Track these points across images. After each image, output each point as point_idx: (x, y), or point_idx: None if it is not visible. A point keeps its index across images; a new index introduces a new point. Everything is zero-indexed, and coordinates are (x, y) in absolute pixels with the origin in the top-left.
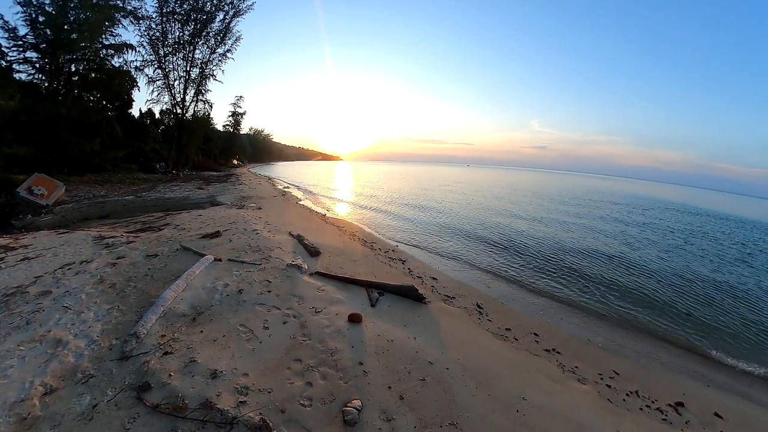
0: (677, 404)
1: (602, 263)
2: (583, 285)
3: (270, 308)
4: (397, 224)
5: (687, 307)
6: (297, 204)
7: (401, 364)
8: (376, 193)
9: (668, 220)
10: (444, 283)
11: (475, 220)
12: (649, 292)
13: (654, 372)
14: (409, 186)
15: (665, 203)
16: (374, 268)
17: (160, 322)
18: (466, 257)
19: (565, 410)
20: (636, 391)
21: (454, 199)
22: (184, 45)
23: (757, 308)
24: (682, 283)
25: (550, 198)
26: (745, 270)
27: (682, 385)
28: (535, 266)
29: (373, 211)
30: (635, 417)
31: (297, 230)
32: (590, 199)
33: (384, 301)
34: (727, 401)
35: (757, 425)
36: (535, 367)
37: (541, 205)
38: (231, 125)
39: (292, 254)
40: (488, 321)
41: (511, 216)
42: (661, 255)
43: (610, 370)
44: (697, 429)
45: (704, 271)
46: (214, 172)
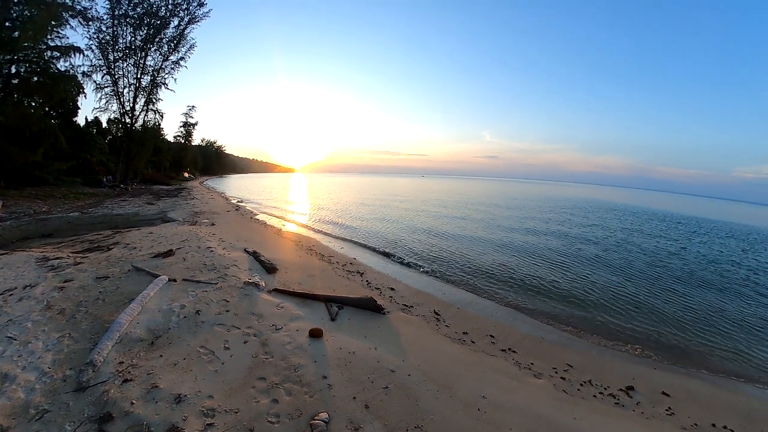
0: (628, 388)
1: (548, 265)
2: (532, 287)
3: (230, 328)
4: (354, 236)
5: (633, 300)
6: (252, 219)
7: (364, 375)
8: (332, 206)
9: (609, 220)
10: (402, 293)
11: (429, 230)
12: (595, 288)
13: (605, 362)
14: (364, 198)
15: (607, 205)
16: (333, 281)
17: (117, 348)
18: (421, 266)
19: (524, 404)
20: (589, 380)
21: (408, 209)
22: (135, 51)
23: (693, 295)
24: (625, 278)
25: (498, 205)
26: (678, 262)
27: (631, 371)
28: (487, 271)
29: (329, 223)
30: (590, 404)
31: (253, 246)
32: (536, 206)
33: (344, 315)
34: (673, 380)
35: (699, 397)
36: (493, 366)
37: (488, 212)
38: (182, 136)
39: (249, 272)
40: (446, 327)
41: (462, 223)
42: (601, 253)
43: (564, 363)
44: (647, 408)
45: (642, 265)
46: (165, 185)
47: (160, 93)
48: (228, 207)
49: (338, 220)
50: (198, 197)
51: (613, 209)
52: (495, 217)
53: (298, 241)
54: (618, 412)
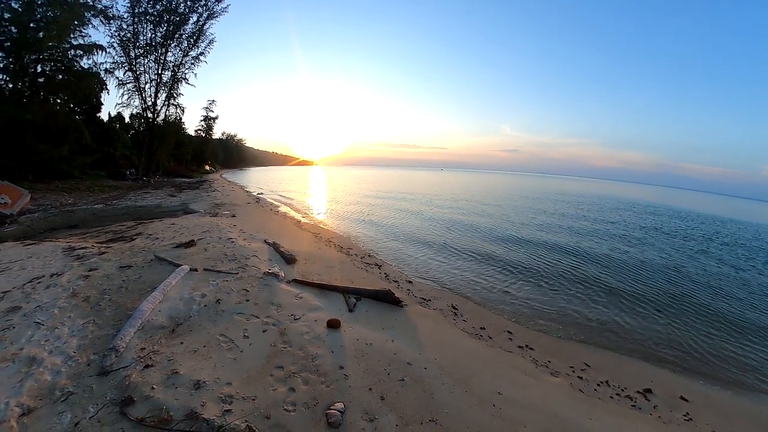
0: (645, 391)
1: (572, 262)
2: (553, 283)
3: (249, 317)
4: (372, 229)
5: (654, 301)
6: (271, 210)
7: (380, 366)
8: (351, 198)
9: (636, 218)
10: (419, 287)
11: (449, 223)
12: (618, 287)
13: (623, 362)
14: (382, 191)
15: (632, 202)
16: (351, 273)
17: (139, 334)
18: (441, 260)
19: (539, 402)
20: (606, 381)
21: (428, 203)
22: (156, 47)
23: (718, 297)
24: (649, 278)
25: (522, 201)
26: (704, 263)
27: (649, 373)
28: (506, 267)
29: (348, 216)
30: (606, 405)
31: (272, 237)
32: (561, 201)
33: (361, 306)
34: (692, 385)
35: (719, 405)
36: (510, 363)
37: (512, 207)
38: (203, 130)
39: (269, 262)
40: (463, 321)
41: (484, 217)
42: (627, 250)
43: (581, 362)
44: (665, 412)
45: (665, 264)
46: (186, 178)
47: (180, 88)
48: (248, 199)
49: (357, 212)
50: (219, 189)
51: (638, 206)
52: (515, 213)
53: (316, 233)
54: (634, 415)
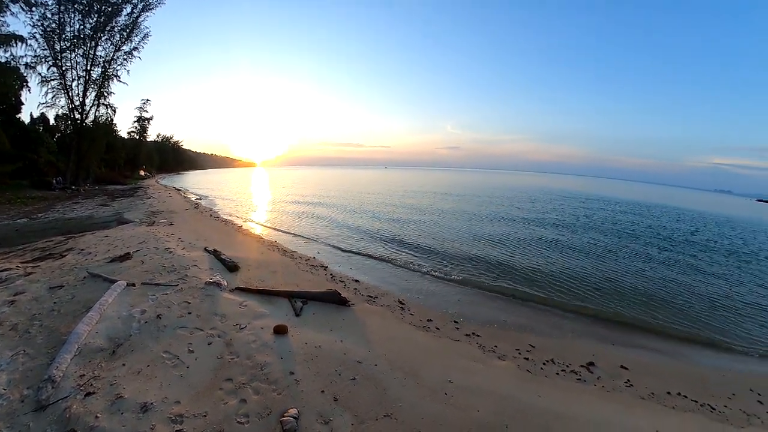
0: (589, 364)
1: (509, 250)
2: (493, 272)
3: (193, 330)
4: (317, 230)
5: (592, 281)
6: (211, 216)
7: (331, 368)
8: (293, 200)
9: (566, 207)
10: (366, 285)
11: (390, 221)
12: (558, 271)
13: (566, 341)
14: (325, 191)
15: (566, 192)
16: (296, 277)
17: (76, 360)
18: (386, 257)
19: (489, 386)
20: (552, 359)
21: (370, 201)
22: (84, 40)
23: (646, 275)
24: (583, 262)
25: (459, 195)
26: (633, 244)
27: (591, 348)
28: (448, 259)
29: (291, 218)
30: (553, 382)
31: (213, 245)
32: (496, 195)
33: (308, 309)
34: (631, 355)
35: (656, 369)
36: (458, 351)
37: (449, 201)
38: (137, 132)
39: (210, 271)
40: (410, 315)
41: (425, 213)
42: (559, 238)
43: (526, 344)
44: (608, 382)
45: (599, 248)
46: (120, 185)
47: (112, 86)
48: (186, 205)
49: (300, 214)
50: (155, 196)
51: (570, 196)
52: (455, 206)
53: (259, 238)
54: (580, 388)
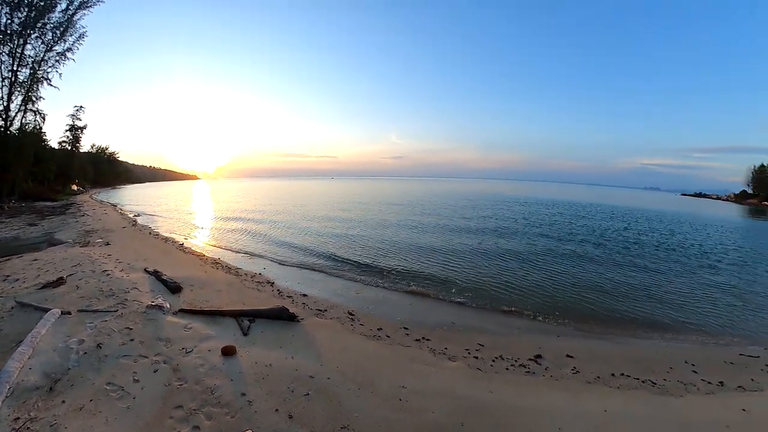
0: (536, 357)
1: (453, 256)
2: (439, 277)
3: (136, 358)
4: (262, 245)
5: (534, 279)
6: (151, 234)
7: (284, 385)
8: (237, 214)
9: (505, 211)
10: (315, 299)
11: (339, 233)
12: (498, 272)
13: (513, 337)
14: (271, 204)
15: (506, 197)
16: (242, 295)
17: (9, 402)
18: (334, 270)
19: (442, 388)
20: (500, 355)
21: (317, 214)
22: (11, 36)
23: (584, 267)
24: (523, 261)
25: (406, 204)
26: (569, 241)
27: (537, 342)
28: (394, 267)
29: (235, 233)
30: (503, 377)
31: (154, 265)
32: (440, 203)
33: (256, 328)
34: (575, 344)
35: (599, 355)
36: (410, 356)
37: (396, 211)
38: (69, 142)
39: (151, 294)
40: (361, 326)
41: (371, 224)
42: (500, 241)
43: (475, 344)
44: (555, 371)
45: (538, 248)
46: (50, 201)
47: (41, 90)
48: (124, 222)
49: (245, 229)
50: (89, 213)
51: (510, 200)
52: (400, 216)
53: (202, 255)
54: (530, 380)
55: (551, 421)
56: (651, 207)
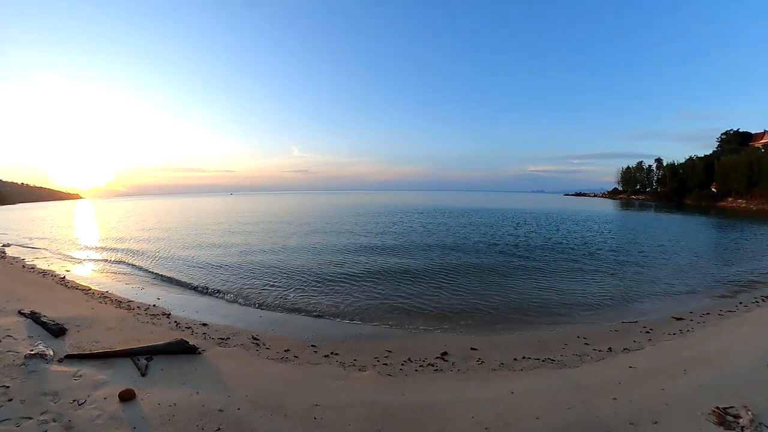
0: (443, 354)
1: (354, 270)
2: (340, 291)
3: (19, 421)
4: (155, 272)
5: (436, 282)
6: (24, 268)
7: (192, 424)
8: (124, 238)
9: (409, 219)
10: (216, 327)
11: (236, 254)
12: (405, 278)
13: (419, 339)
14: (163, 224)
15: (408, 207)
16: (136, 331)
17: None
18: (233, 294)
19: (355, 399)
20: (409, 358)
21: (213, 234)
22: None
23: (476, 269)
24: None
25: (308, 219)
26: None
27: (442, 340)
28: (297, 287)
29: (123, 261)
30: (414, 378)
31: (30, 305)
32: (343, 215)
33: (155, 366)
34: (477, 338)
35: (501, 344)
36: (320, 373)
37: (296, 227)
38: None
39: (30, 340)
40: (267, 349)
41: (270, 243)
42: (404, 246)
43: (383, 351)
44: (461, 365)
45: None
46: None
47: None
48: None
49: (136, 257)
50: None
51: (411, 210)
52: (301, 231)
53: (88, 289)
54: (439, 376)
55: (465, 411)
56: (538, 207)
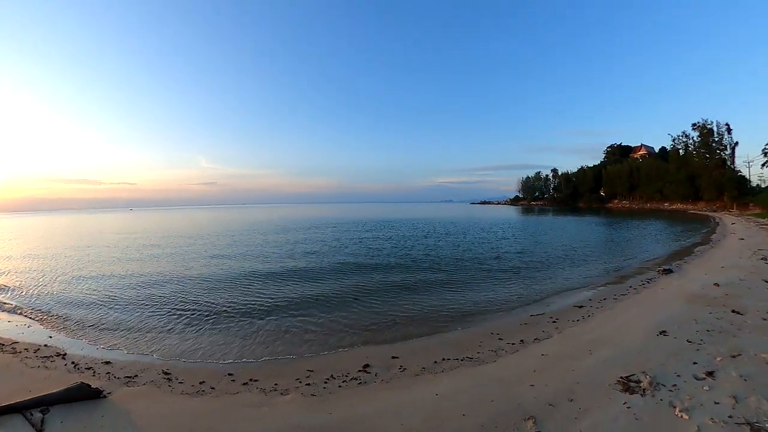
0: (365, 367)
1: (261, 286)
2: (255, 316)
3: None
4: (42, 304)
5: (350, 293)
6: None
7: None
8: (4, 267)
9: (321, 233)
10: (121, 364)
11: (136, 277)
12: (315, 298)
13: (340, 355)
14: (51, 249)
15: (319, 220)
16: (25, 378)
17: None
18: (134, 324)
19: (279, 425)
20: (331, 375)
21: (108, 256)
22: None
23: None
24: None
25: (214, 235)
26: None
27: (363, 353)
28: (203, 310)
29: (3, 293)
30: (339, 395)
31: None
32: (251, 231)
33: (53, 419)
34: (397, 347)
35: (420, 349)
36: (240, 402)
37: (202, 243)
38: None
39: None
40: (180, 383)
41: (172, 263)
42: (314, 262)
43: (304, 371)
44: (384, 374)
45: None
46: None
47: None
48: None
49: (17, 288)
50: None
51: (320, 224)
52: (205, 251)
53: None
54: (364, 389)
55: (393, 419)
56: (448, 216)
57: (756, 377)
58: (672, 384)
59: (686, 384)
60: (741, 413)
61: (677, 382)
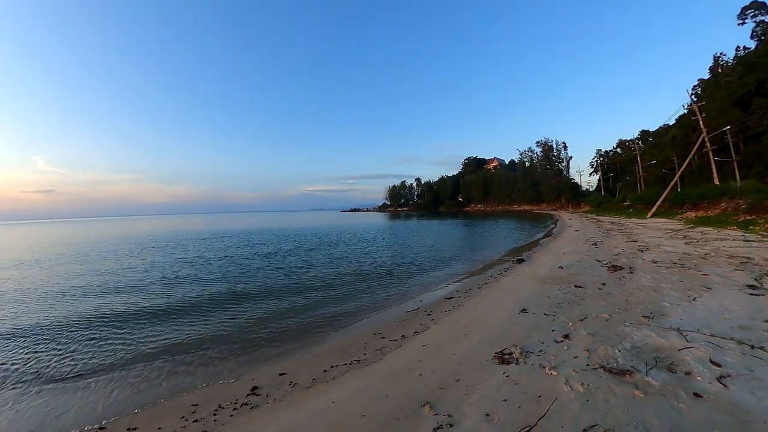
0: (253, 389)
1: (116, 318)
2: (110, 347)
3: None
4: None
5: (218, 320)
6: None
7: None
8: None
9: (185, 250)
10: None
11: None
12: (181, 324)
13: (224, 382)
14: None
15: (181, 234)
16: None
17: None
18: None
19: None
20: (219, 405)
21: None
22: None
23: (261, 291)
24: (188, 303)
25: (42, 259)
26: (245, 268)
27: (248, 377)
28: (46, 355)
29: None
30: (231, 425)
31: None
32: (96, 251)
33: None
34: (282, 363)
35: (306, 360)
36: None
37: (26, 269)
38: None
39: None
40: None
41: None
42: (178, 288)
43: (189, 406)
44: (276, 393)
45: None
46: None
47: None
48: None
49: None
50: None
51: (185, 238)
52: (35, 275)
53: None
54: (257, 413)
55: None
56: (319, 224)
57: (600, 332)
58: (539, 350)
59: (550, 348)
60: (595, 361)
61: (542, 348)
